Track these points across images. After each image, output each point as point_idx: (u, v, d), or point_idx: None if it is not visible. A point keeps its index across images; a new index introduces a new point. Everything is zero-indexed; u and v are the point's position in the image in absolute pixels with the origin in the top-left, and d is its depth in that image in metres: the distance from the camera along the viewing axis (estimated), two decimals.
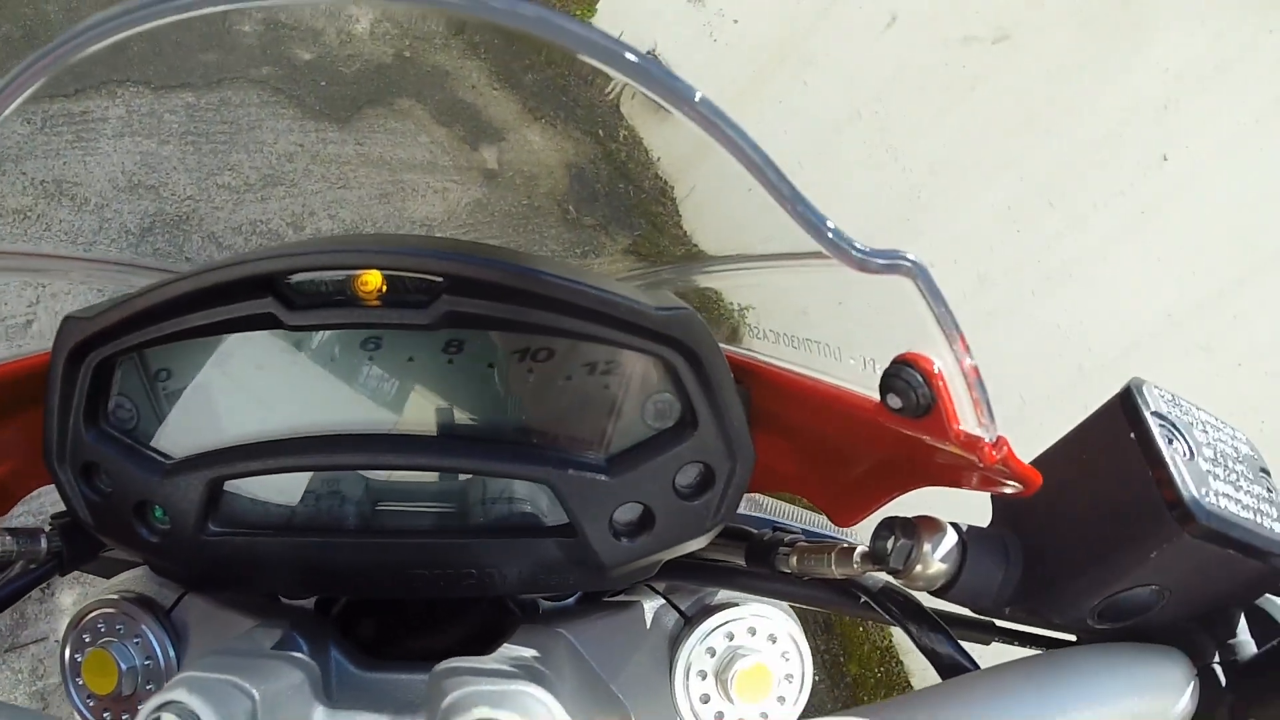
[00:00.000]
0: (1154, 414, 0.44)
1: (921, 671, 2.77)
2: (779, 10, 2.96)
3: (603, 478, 0.49)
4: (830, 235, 0.34)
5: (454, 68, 3.59)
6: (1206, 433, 0.45)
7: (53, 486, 0.52)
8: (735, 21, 3.15)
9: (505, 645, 0.52)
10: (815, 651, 2.29)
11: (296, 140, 3.09)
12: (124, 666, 0.57)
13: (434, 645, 0.62)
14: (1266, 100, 1.92)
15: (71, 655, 0.58)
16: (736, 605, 0.59)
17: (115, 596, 0.59)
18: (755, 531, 0.61)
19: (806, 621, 2.63)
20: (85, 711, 0.57)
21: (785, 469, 0.57)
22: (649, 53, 3.44)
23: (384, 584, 0.54)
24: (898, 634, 2.79)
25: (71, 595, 2.10)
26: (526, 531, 0.52)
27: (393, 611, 0.64)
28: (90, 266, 0.63)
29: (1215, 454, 0.44)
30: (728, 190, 3.14)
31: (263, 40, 3.32)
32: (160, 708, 0.37)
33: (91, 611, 0.59)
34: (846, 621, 2.80)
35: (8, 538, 0.52)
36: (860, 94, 2.72)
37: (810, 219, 0.34)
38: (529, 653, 0.51)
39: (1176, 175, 2.07)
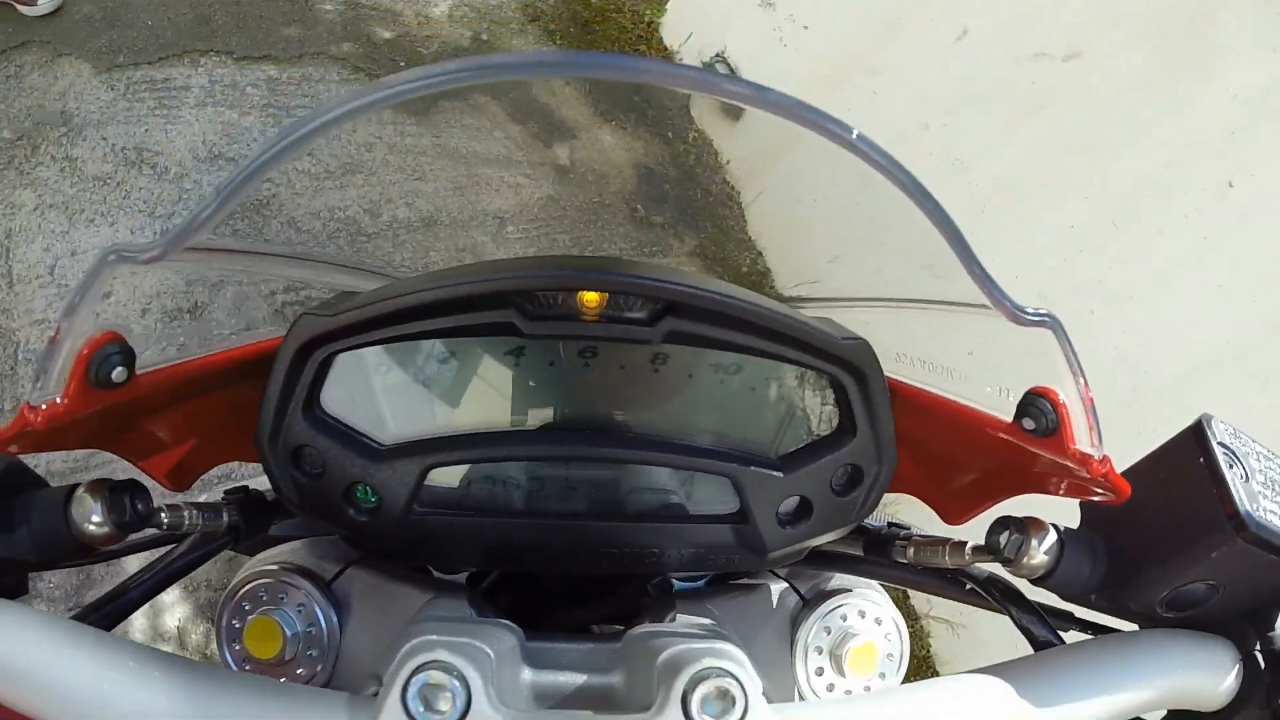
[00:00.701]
0: (1219, 444, 0.52)
1: None
2: (849, 18, 2.98)
3: (776, 474, 0.57)
4: (997, 290, 0.43)
5: None
6: (1260, 462, 0.53)
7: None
8: (805, 27, 3.17)
9: (680, 616, 0.58)
10: None
11: (375, 131, 3.16)
12: (289, 632, 0.61)
13: (577, 619, 0.69)
14: None
15: (229, 621, 0.62)
16: (849, 590, 0.67)
17: (275, 567, 0.63)
18: (872, 526, 0.70)
19: None
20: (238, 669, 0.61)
21: (907, 474, 0.65)
22: (717, 55, 3.47)
23: (575, 561, 0.60)
24: (937, 642, 2.81)
25: (137, 562, 2.17)
26: (704, 518, 0.59)
27: (534, 589, 0.71)
28: (274, 262, 0.68)
29: (1266, 479, 0.52)
30: (794, 199, 3.17)
31: (344, 17, 3.39)
32: (425, 665, 0.41)
33: (251, 582, 0.63)
34: None
35: (193, 511, 0.56)
36: (929, 105, 2.73)
37: (984, 278, 0.43)
38: (705, 621, 0.58)
39: (1241, 203, 2.08)
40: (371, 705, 0.42)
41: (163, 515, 0.54)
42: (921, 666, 2.81)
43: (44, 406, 0.45)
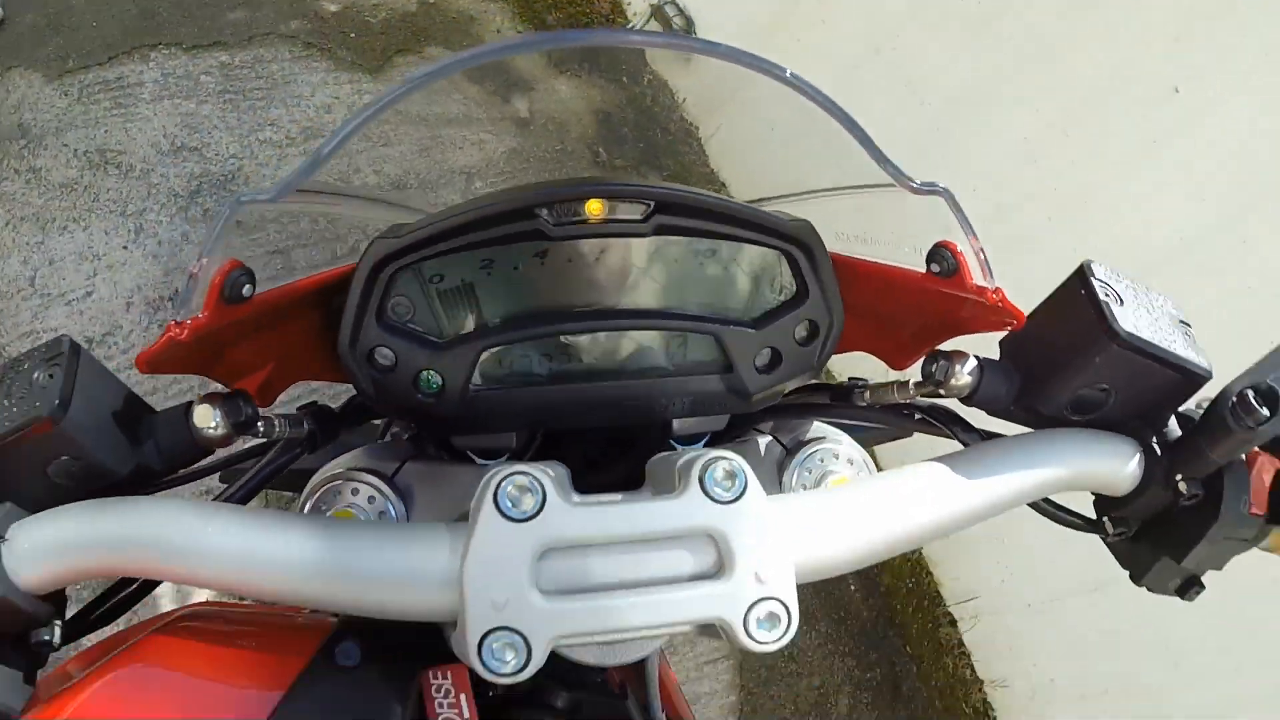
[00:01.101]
0: (1098, 279, 0.65)
1: (951, 583, 2.94)
2: None
3: (750, 330, 0.70)
4: (897, 171, 0.60)
5: (478, 11, 3.62)
6: (1133, 293, 0.66)
7: None
8: None
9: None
10: None
11: (332, 93, 3.17)
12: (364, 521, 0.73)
13: (598, 484, 0.82)
14: (1274, 34, 1.97)
15: None
16: (823, 438, 0.82)
17: (342, 470, 0.75)
18: (835, 382, 0.84)
19: None
20: None
21: (856, 333, 0.78)
22: None
23: (601, 415, 0.74)
24: (928, 546, 2.95)
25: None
26: (698, 370, 0.72)
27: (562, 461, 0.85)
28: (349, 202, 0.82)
29: (1139, 304, 0.65)
30: (751, 132, 3.21)
31: None
32: (509, 476, 0.52)
33: (324, 485, 0.74)
34: None
35: (281, 420, 0.67)
36: (878, 31, 2.76)
37: (883, 160, 0.59)
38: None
39: (1187, 106, 2.14)
40: (465, 527, 0.52)
41: (259, 424, 0.63)
42: (916, 569, 2.96)
43: (189, 321, 0.56)
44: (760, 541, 0.53)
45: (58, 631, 0.54)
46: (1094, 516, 0.74)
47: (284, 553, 0.52)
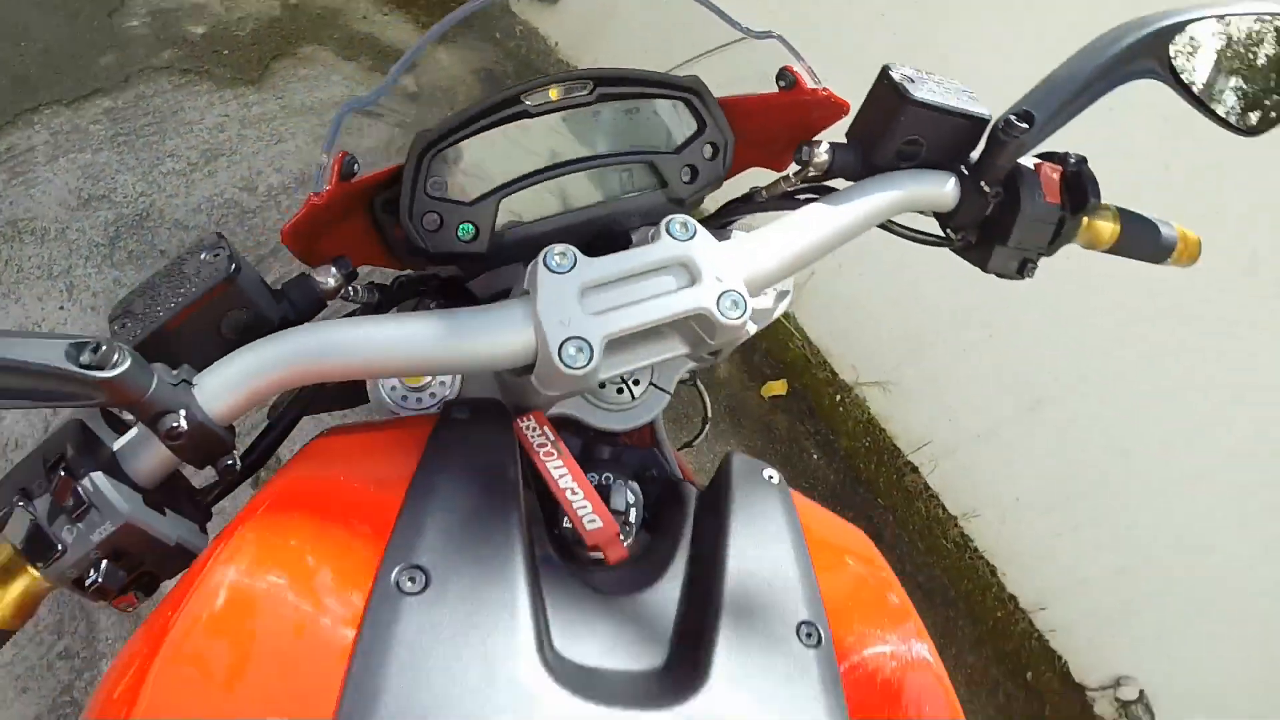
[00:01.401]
0: (896, 71, 0.87)
1: (904, 434, 3.13)
2: None
3: (673, 156, 0.95)
4: (744, 26, 0.94)
5: (342, 3, 3.69)
6: (926, 78, 0.88)
7: None
8: None
9: None
10: (808, 434, 2.62)
11: (221, 112, 3.24)
12: None
13: None
14: None
15: None
16: (745, 236, 1.07)
17: None
18: (741, 194, 1.08)
19: (794, 412, 2.92)
20: (393, 402, 0.94)
21: (747, 154, 1.05)
22: None
23: (587, 233, 0.96)
24: (875, 405, 3.13)
25: None
26: (646, 189, 0.97)
27: None
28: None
29: (929, 83, 0.87)
30: (626, 56, 3.32)
31: (153, 28, 3.41)
32: (551, 246, 0.73)
33: None
34: (827, 405, 3.18)
35: (359, 286, 0.88)
36: None
37: (733, 22, 0.94)
38: None
39: None
40: (528, 297, 0.71)
41: (349, 287, 0.85)
42: (870, 428, 3.15)
43: (324, 192, 0.79)
44: (714, 258, 0.75)
45: (238, 458, 0.70)
46: (942, 235, 0.99)
47: (418, 335, 0.70)
